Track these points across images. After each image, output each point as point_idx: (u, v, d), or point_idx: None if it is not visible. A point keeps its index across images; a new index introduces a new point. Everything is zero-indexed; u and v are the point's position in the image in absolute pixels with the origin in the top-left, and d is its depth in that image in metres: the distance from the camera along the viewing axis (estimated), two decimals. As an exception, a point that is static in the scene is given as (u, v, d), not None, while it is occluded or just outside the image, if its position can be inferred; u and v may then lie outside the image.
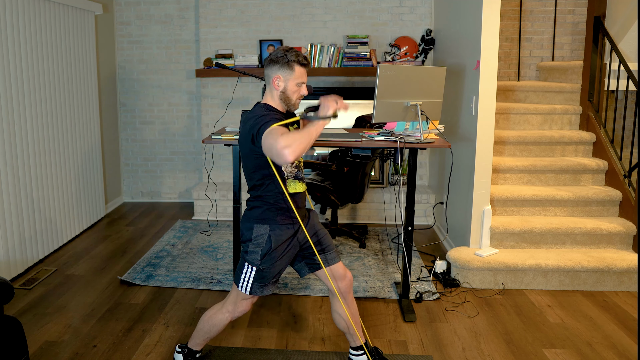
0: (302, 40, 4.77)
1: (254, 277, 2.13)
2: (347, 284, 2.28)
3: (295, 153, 1.81)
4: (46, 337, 2.66)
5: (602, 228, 3.48)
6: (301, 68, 2.12)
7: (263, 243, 2.11)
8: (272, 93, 2.14)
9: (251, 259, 2.12)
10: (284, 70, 2.10)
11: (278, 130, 1.92)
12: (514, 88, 4.53)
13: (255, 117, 2.04)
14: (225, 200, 4.69)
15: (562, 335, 2.73)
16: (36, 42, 3.56)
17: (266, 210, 2.13)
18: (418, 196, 4.55)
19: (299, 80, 2.13)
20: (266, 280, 2.14)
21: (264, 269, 2.12)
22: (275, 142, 1.84)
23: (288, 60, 2.09)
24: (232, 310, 2.23)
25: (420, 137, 2.78)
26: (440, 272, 3.44)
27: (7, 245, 3.27)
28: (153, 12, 4.95)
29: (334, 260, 2.26)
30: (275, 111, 2.12)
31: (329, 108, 1.99)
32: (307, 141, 1.86)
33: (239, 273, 2.16)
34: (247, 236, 2.14)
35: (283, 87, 2.11)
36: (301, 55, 2.12)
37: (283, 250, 2.15)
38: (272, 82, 2.12)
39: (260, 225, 2.12)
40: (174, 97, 5.09)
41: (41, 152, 3.65)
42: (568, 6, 4.94)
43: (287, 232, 2.15)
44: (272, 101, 2.15)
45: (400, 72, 2.76)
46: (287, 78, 2.10)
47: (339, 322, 2.33)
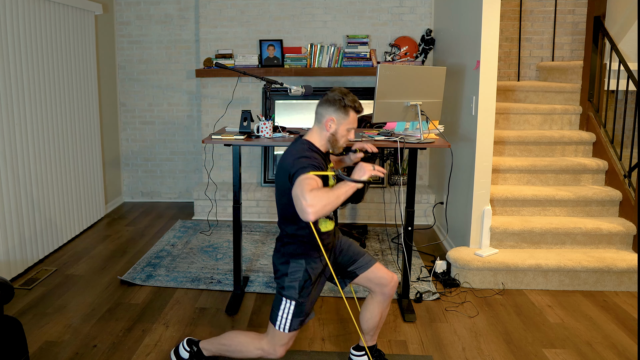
0: (302, 40, 4.77)
1: (293, 312, 2.10)
2: (393, 286, 2.27)
3: (317, 215, 1.80)
4: (46, 337, 2.66)
5: (602, 228, 3.48)
6: (355, 114, 2.13)
7: (300, 277, 2.11)
8: (321, 133, 2.13)
9: (289, 293, 2.10)
10: (339, 114, 2.10)
11: (311, 181, 1.87)
12: (514, 88, 4.53)
13: (296, 155, 2.02)
14: (225, 200, 4.69)
15: (562, 335, 2.73)
16: (36, 42, 3.56)
17: (300, 245, 2.13)
18: (418, 196, 4.55)
19: (351, 125, 2.13)
20: (304, 314, 2.13)
21: (302, 302, 2.11)
22: (303, 195, 1.81)
23: (345, 104, 2.09)
24: (266, 351, 2.16)
25: (420, 137, 2.78)
26: (440, 272, 3.44)
27: (7, 245, 3.27)
28: (153, 12, 4.95)
29: (369, 263, 2.26)
30: (317, 152, 2.11)
31: (365, 173, 1.93)
32: (333, 205, 1.84)
33: (275, 311, 2.12)
34: (282, 271, 2.14)
35: (334, 130, 2.11)
36: (357, 102, 2.12)
37: (316, 281, 2.17)
38: (324, 122, 2.11)
39: (296, 260, 2.12)
40: (174, 97, 5.09)
41: (41, 152, 3.65)
42: (568, 6, 4.94)
43: (320, 264, 2.17)
44: (318, 140, 2.14)
45: (400, 72, 2.75)
46: (340, 122, 2.10)
47: (368, 321, 2.31)
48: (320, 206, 1.79)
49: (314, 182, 1.89)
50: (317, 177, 1.93)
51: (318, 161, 2.03)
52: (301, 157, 2.00)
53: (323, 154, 2.15)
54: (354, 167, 1.99)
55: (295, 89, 3.04)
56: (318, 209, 1.79)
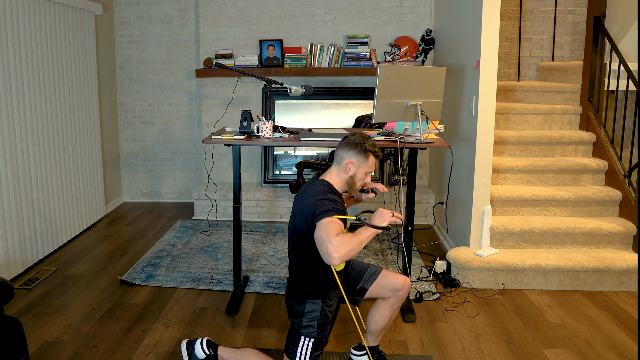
0: (302, 40, 4.77)
1: (312, 348, 2.12)
2: (406, 290, 2.29)
3: (341, 260, 1.84)
4: (46, 337, 2.65)
5: (602, 228, 3.48)
6: (374, 159, 2.16)
7: (318, 316, 2.13)
8: (340, 175, 2.16)
9: (308, 332, 2.12)
10: (359, 157, 2.13)
11: (335, 226, 1.90)
12: (514, 88, 4.53)
13: (317, 196, 2.03)
14: (225, 200, 4.69)
15: (562, 335, 2.73)
16: (36, 42, 3.56)
17: (316, 287, 2.15)
18: (418, 196, 4.55)
19: (369, 169, 2.17)
20: (321, 347, 2.16)
21: (320, 338, 2.14)
22: (328, 240, 1.84)
23: (366, 149, 2.12)
24: None
25: (420, 137, 2.78)
26: (440, 272, 3.44)
27: (7, 245, 3.27)
28: (153, 12, 4.95)
29: (375, 274, 2.29)
30: (337, 194, 2.13)
31: (385, 219, 1.98)
32: (357, 250, 1.88)
33: (293, 347, 2.13)
34: (299, 311, 2.15)
35: (353, 173, 2.14)
36: (377, 147, 2.16)
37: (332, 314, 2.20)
38: (344, 164, 2.14)
39: (312, 301, 2.14)
40: (174, 97, 5.09)
41: (41, 152, 3.65)
42: (568, 6, 4.94)
43: (335, 301, 2.20)
44: (337, 182, 2.16)
45: (400, 72, 2.75)
46: (360, 165, 2.14)
47: (377, 322, 2.32)
48: (345, 251, 1.84)
49: (339, 227, 1.92)
50: (339, 221, 1.95)
51: (340, 204, 2.06)
52: (324, 199, 2.01)
53: (340, 196, 2.17)
54: (373, 213, 2.04)
55: (295, 89, 3.04)
56: (343, 254, 1.83)
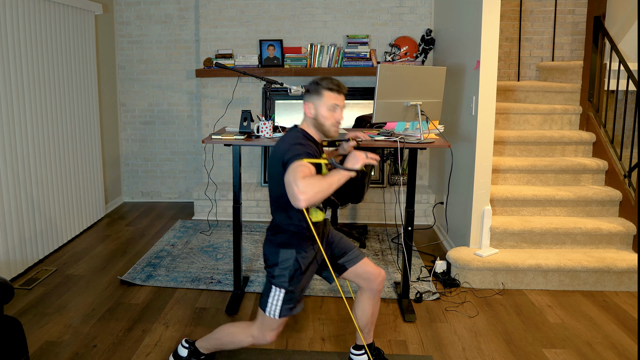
0: (302, 40, 4.77)
1: (283, 300, 2.11)
2: (380, 281, 2.28)
3: (309, 202, 1.80)
4: (46, 337, 2.66)
5: (602, 228, 3.48)
6: (331, 92, 2.12)
7: (290, 266, 2.11)
8: (307, 121, 2.16)
9: (279, 282, 2.11)
10: (313, 97, 2.12)
11: (304, 169, 1.87)
12: (514, 88, 4.53)
13: (291, 142, 2.02)
14: (225, 200, 4.69)
15: (562, 335, 2.73)
16: (36, 42, 3.56)
17: (291, 235, 2.14)
18: (418, 196, 4.55)
19: (330, 103, 2.11)
20: (294, 301, 2.14)
21: (292, 290, 2.12)
22: (295, 182, 1.81)
23: (318, 86, 2.11)
24: (256, 337, 2.19)
25: (420, 137, 2.78)
26: (440, 272, 3.44)
27: (7, 245, 3.27)
28: (153, 12, 4.95)
29: (357, 258, 2.28)
30: (311, 140, 2.12)
31: (358, 161, 1.94)
32: (325, 192, 1.84)
33: (265, 298, 2.14)
34: (272, 260, 2.14)
35: (314, 114, 2.12)
36: (334, 82, 2.12)
37: (307, 269, 2.17)
38: (304, 109, 2.14)
39: (286, 250, 2.12)
40: (174, 97, 5.09)
41: (41, 152, 3.65)
42: (568, 6, 4.94)
43: (310, 254, 2.18)
44: (308, 128, 2.16)
45: (400, 72, 2.75)
46: (317, 104, 2.11)
47: (361, 318, 2.32)
48: (312, 193, 1.79)
49: (307, 170, 1.89)
50: (310, 165, 1.93)
51: (312, 149, 2.04)
52: (296, 144, 2.01)
53: (317, 143, 2.16)
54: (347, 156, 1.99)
55: (295, 89, 3.05)
56: (310, 196, 1.79)
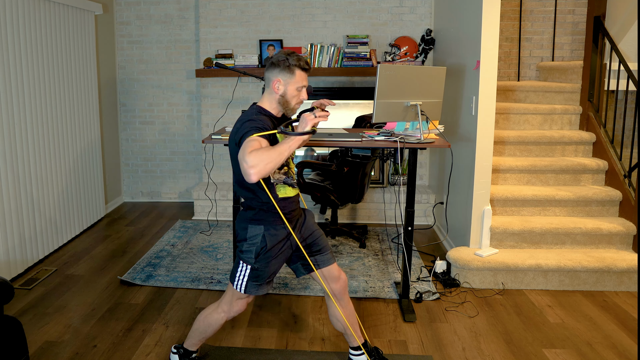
0: (302, 40, 4.77)
1: (249, 276, 2.13)
2: (341, 285, 2.28)
3: (260, 174, 1.77)
4: (46, 337, 2.66)
5: (602, 228, 3.48)
6: (302, 72, 2.09)
7: (258, 242, 2.11)
8: (271, 96, 2.11)
9: (246, 257, 2.12)
10: (284, 74, 2.07)
11: (253, 143, 1.84)
12: (514, 88, 4.53)
13: (243, 120, 2.02)
14: (225, 200, 4.69)
15: (562, 335, 2.73)
16: (36, 42, 3.56)
17: (259, 211, 2.12)
18: (418, 196, 4.55)
19: (300, 84, 2.10)
20: (261, 280, 2.14)
21: (258, 268, 2.12)
22: (244, 158, 1.77)
23: (289, 64, 2.06)
24: (227, 310, 2.23)
25: (420, 137, 2.78)
26: (440, 272, 3.44)
27: (7, 245, 3.27)
28: (153, 12, 4.95)
29: (328, 261, 2.26)
30: (268, 115, 2.09)
31: (307, 123, 1.91)
32: (276, 161, 1.80)
33: (234, 272, 2.16)
34: (241, 235, 2.15)
35: (283, 91, 2.09)
36: (303, 60, 2.09)
37: (278, 250, 2.15)
38: (272, 85, 2.09)
39: (254, 225, 2.12)
40: (174, 97, 5.09)
41: (41, 152, 3.65)
42: (568, 6, 4.94)
43: (281, 232, 2.14)
44: (269, 104, 2.12)
45: (400, 72, 2.75)
46: (288, 82, 2.08)
47: (335, 324, 2.33)
48: (262, 165, 1.76)
49: (257, 143, 1.86)
50: (260, 138, 1.90)
51: (263, 122, 2.00)
52: (247, 121, 1.99)
53: (276, 118, 2.13)
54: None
55: (295, 89, 3.04)
56: (260, 168, 1.76)
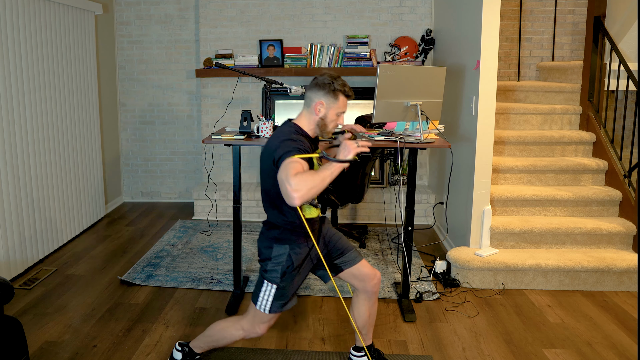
0: (302, 40, 4.77)
1: (274, 295, 2.10)
2: (376, 282, 2.27)
3: (303, 199, 1.78)
4: (46, 337, 2.66)
5: (602, 228, 3.48)
6: (345, 99, 2.11)
7: (283, 262, 2.10)
8: (310, 117, 2.11)
9: (271, 277, 2.10)
10: (328, 98, 2.08)
11: (296, 165, 1.84)
12: (514, 88, 4.53)
13: (281, 139, 2.00)
14: (225, 200, 4.69)
15: (562, 335, 2.73)
16: (36, 42, 3.56)
17: (284, 230, 2.12)
18: (418, 196, 4.55)
19: (341, 110, 2.11)
20: (286, 298, 2.13)
21: (284, 287, 2.11)
22: (287, 180, 1.78)
23: (335, 88, 2.07)
24: (247, 330, 2.18)
25: (420, 137, 2.78)
26: (440, 272, 3.44)
27: (7, 245, 3.27)
28: (153, 12, 4.95)
29: (355, 260, 2.26)
30: (304, 136, 2.09)
31: (350, 151, 1.90)
32: (319, 187, 1.80)
33: (257, 292, 2.13)
34: (265, 255, 2.13)
35: (323, 114, 2.09)
36: (347, 86, 2.11)
37: (301, 267, 2.15)
38: (313, 106, 2.09)
39: (280, 245, 2.11)
40: (174, 97, 5.09)
41: (41, 152, 3.65)
42: (568, 6, 4.94)
43: (305, 250, 2.16)
44: (307, 125, 2.12)
45: (400, 72, 2.75)
46: (330, 106, 2.09)
47: (357, 320, 2.31)
48: (305, 190, 1.77)
49: (299, 166, 1.86)
50: (302, 160, 1.89)
51: (304, 144, 2.00)
52: (287, 140, 1.98)
53: (311, 138, 2.13)
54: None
55: (295, 89, 3.05)
56: (303, 193, 1.76)
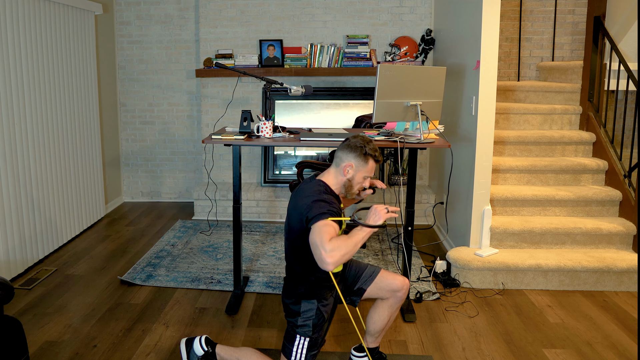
0: (302, 40, 4.77)
1: (307, 347, 2.11)
2: (405, 291, 2.28)
3: (336, 265, 1.81)
4: (46, 337, 2.66)
5: (602, 228, 3.48)
6: (374, 164, 2.14)
7: (313, 316, 2.12)
8: (338, 177, 2.13)
9: (303, 331, 2.12)
10: (358, 161, 2.10)
11: (330, 229, 1.88)
12: (514, 88, 4.53)
13: (314, 198, 2.00)
14: (225, 200, 4.69)
15: (562, 335, 2.73)
16: (36, 42, 3.56)
17: (311, 287, 2.13)
18: (418, 196, 4.55)
19: (368, 174, 2.14)
20: (317, 347, 2.15)
21: (316, 337, 2.13)
22: (322, 244, 1.82)
23: (366, 152, 2.09)
24: None
25: (420, 137, 2.78)
26: (440, 272, 3.44)
27: (7, 245, 3.27)
28: (153, 12, 4.95)
29: (373, 274, 2.27)
30: (333, 195, 2.10)
31: (380, 217, 1.95)
32: (351, 253, 1.86)
33: (289, 346, 2.13)
34: (294, 310, 2.14)
35: (351, 176, 2.11)
36: (378, 151, 2.13)
37: (329, 315, 2.20)
38: (343, 166, 2.11)
39: (308, 301, 2.13)
40: (174, 97, 5.09)
41: (41, 152, 3.65)
42: (568, 6, 4.94)
43: (331, 301, 2.19)
44: (334, 184, 2.13)
45: (400, 72, 2.75)
46: (358, 169, 2.11)
47: (376, 323, 2.31)
48: (339, 256, 1.82)
49: (333, 230, 1.89)
50: (334, 224, 1.93)
51: (335, 206, 2.03)
52: (319, 201, 1.99)
53: (338, 197, 2.15)
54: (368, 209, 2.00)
55: (295, 89, 3.04)
56: (337, 259, 1.81)
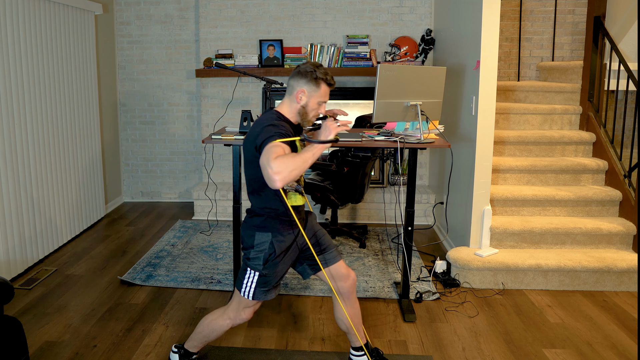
0: (302, 40, 4.77)
1: (257, 282, 2.12)
2: (350, 283, 2.27)
3: (285, 181, 1.78)
4: (46, 337, 2.66)
5: (602, 228, 3.48)
6: (327, 87, 2.11)
7: (266, 249, 2.11)
8: (292, 105, 2.12)
9: (254, 264, 2.12)
10: (310, 86, 2.09)
11: (277, 149, 1.86)
12: (514, 88, 4.53)
13: (263, 124, 2.01)
14: (225, 200, 4.69)
15: (562, 335, 2.73)
16: (36, 42, 3.56)
17: (267, 218, 2.13)
18: (418, 196, 4.55)
19: (322, 99, 2.12)
20: (269, 285, 2.14)
21: (266, 274, 2.12)
22: (269, 163, 1.79)
23: (317, 76, 2.08)
24: (233, 317, 2.22)
25: (420, 137, 2.78)
26: (440, 272, 3.44)
27: (7, 245, 3.27)
28: (153, 12, 4.95)
29: (334, 259, 2.26)
30: (286, 121, 2.09)
31: (330, 131, 1.92)
32: (301, 168, 1.82)
33: (241, 279, 2.15)
34: (248, 243, 2.14)
35: (305, 102, 2.10)
36: (329, 74, 2.11)
37: (285, 255, 2.16)
38: (295, 94, 2.10)
39: (262, 232, 2.12)
40: (174, 97, 5.09)
41: (41, 152, 3.65)
42: (568, 6, 4.94)
43: (288, 238, 2.16)
44: (288, 112, 2.13)
45: (400, 72, 2.75)
46: (311, 94, 2.09)
47: (339, 324, 2.33)
48: (287, 172, 1.78)
49: (280, 149, 1.87)
50: (283, 144, 1.91)
51: (285, 129, 2.01)
52: (268, 126, 1.99)
53: (293, 125, 2.13)
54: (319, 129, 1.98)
55: (295, 89, 3.04)
56: (285, 175, 1.78)
